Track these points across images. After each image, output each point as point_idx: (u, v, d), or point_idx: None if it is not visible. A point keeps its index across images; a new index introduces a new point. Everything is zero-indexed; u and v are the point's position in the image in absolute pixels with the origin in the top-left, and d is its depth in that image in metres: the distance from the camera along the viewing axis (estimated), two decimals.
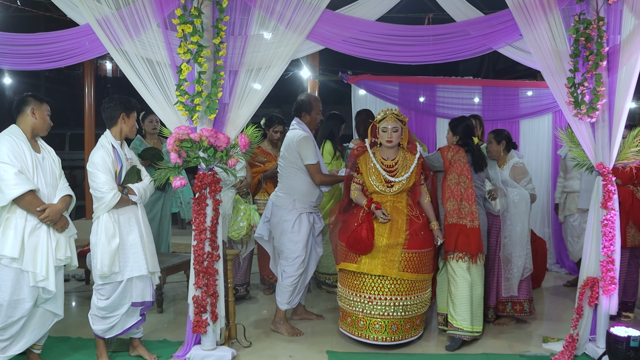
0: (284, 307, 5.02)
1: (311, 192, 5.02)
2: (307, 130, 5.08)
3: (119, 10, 4.25)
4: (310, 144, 4.96)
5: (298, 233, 4.92)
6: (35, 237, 3.98)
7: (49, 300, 4.09)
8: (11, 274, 3.91)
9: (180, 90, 4.09)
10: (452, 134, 5.06)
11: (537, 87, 7.76)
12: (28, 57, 4.58)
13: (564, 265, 7.45)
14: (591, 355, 4.47)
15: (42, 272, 3.94)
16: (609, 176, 4.31)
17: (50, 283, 3.98)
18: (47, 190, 4.08)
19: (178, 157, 4.15)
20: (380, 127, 4.71)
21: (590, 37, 4.14)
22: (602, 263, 4.32)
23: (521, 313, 5.26)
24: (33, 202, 3.94)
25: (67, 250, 4.15)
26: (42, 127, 4.17)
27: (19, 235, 3.92)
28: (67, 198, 4.16)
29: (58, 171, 4.22)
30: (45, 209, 3.97)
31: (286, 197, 4.99)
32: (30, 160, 4.01)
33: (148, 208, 5.46)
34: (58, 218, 4.06)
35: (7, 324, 3.95)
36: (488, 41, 4.44)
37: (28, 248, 3.94)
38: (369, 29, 4.43)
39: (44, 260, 3.97)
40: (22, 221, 3.94)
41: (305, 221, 4.95)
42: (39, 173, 4.06)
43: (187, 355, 4.35)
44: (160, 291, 5.60)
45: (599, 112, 4.25)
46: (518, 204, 5.11)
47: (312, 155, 4.92)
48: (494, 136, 5.37)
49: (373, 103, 7.90)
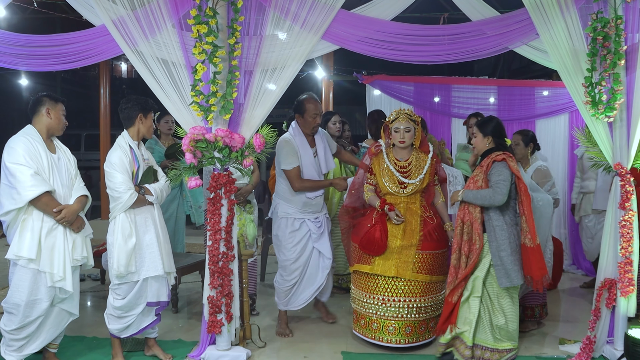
0: (281, 307, 5.08)
1: (294, 198, 4.95)
2: (297, 133, 4.98)
3: (135, 11, 4.27)
4: (287, 148, 4.88)
5: (280, 237, 4.98)
6: (52, 238, 3.99)
7: (65, 299, 4.11)
8: (29, 274, 3.93)
9: (196, 90, 4.10)
10: (483, 136, 4.47)
11: (553, 87, 7.71)
12: (44, 58, 4.61)
13: (580, 266, 7.38)
14: (609, 357, 4.41)
15: (60, 273, 3.96)
16: (627, 176, 4.26)
17: (67, 283, 4.00)
18: (63, 190, 4.09)
19: (193, 157, 4.16)
20: (392, 127, 4.67)
21: (608, 35, 4.10)
22: (619, 264, 4.28)
23: (531, 318, 5.15)
24: (49, 203, 3.95)
25: (84, 250, 4.16)
26: (57, 127, 4.17)
27: (36, 237, 3.93)
28: (82, 198, 4.16)
29: (74, 171, 4.23)
30: (62, 210, 3.98)
31: (274, 201, 5.10)
32: (46, 160, 4.02)
33: (164, 208, 5.46)
34: (74, 219, 4.06)
35: (25, 324, 3.98)
36: (504, 40, 4.41)
37: (45, 249, 3.94)
38: (384, 28, 4.42)
39: (61, 261, 3.98)
40: (38, 222, 3.95)
41: (287, 226, 4.95)
42: (54, 174, 4.07)
43: (201, 355, 4.35)
44: (175, 291, 5.62)
45: (617, 112, 4.21)
46: (542, 210, 4.92)
47: (287, 160, 4.86)
48: (521, 137, 5.21)
49: (388, 103, 7.89)
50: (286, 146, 4.90)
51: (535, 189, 4.99)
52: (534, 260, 4.22)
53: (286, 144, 4.91)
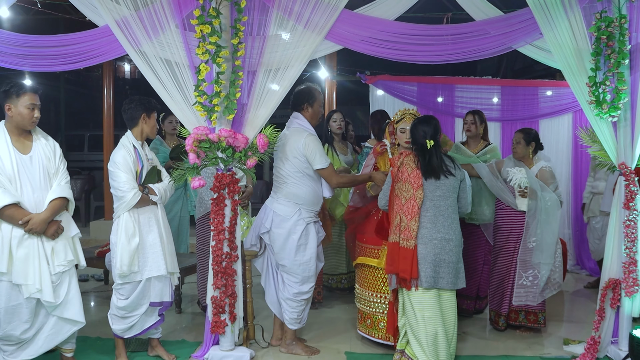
0: (295, 326, 4.57)
1: (318, 199, 4.56)
2: (309, 127, 4.55)
3: (138, 12, 4.27)
4: (319, 144, 4.49)
5: (306, 246, 4.45)
6: (25, 248, 3.78)
7: (58, 307, 3.92)
8: (4, 285, 3.78)
9: (199, 90, 4.10)
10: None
11: (557, 87, 7.69)
12: (48, 59, 4.60)
13: (584, 266, 7.37)
14: (613, 357, 4.40)
15: (36, 284, 3.77)
16: (631, 176, 4.25)
17: (45, 294, 3.80)
18: (35, 195, 3.85)
19: (197, 157, 4.16)
20: (398, 127, 4.67)
21: (612, 35, 4.09)
22: (624, 264, 4.26)
23: (535, 324, 5.09)
24: (14, 215, 3.73)
25: (68, 253, 3.95)
26: (23, 122, 3.86)
27: (6, 249, 3.74)
28: (57, 202, 3.90)
29: (54, 169, 3.97)
30: (28, 220, 3.76)
31: (291, 207, 4.45)
32: (10, 166, 3.78)
33: (168, 208, 5.45)
34: (44, 228, 3.82)
35: (8, 332, 3.82)
36: (508, 40, 4.41)
37: (18, 260, 3.75)
38: (387, 28, 4.42)
39: (36, 272, 3.78)
40: (7, 234, 3.75)
41: (313, 232, 4.50)
42: (23, 178, 3.83)
43: (205, 356, 4.35)
44: (178, 292, 5.62)
45: (621, 111, 4.20)
46: (549, 210, 4.88)
47: (323, 157, 4.44)
48: (523, 136, 5.13)
49: (391, 103, 7.88)
50: (318, 141, 4.48)
51: (543, 188, 4.95)
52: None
53: (317, 139, 4.48)
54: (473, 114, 5.58)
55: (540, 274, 4.88)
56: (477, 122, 5.54)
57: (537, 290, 4.90)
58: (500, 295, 5.15)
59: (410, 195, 4.16)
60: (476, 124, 5.54)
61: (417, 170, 4.18)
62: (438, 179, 4.15)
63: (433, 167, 4.16)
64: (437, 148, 4.21)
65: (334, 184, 4.52)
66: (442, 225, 4.11)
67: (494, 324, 5.23)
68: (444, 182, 4.16)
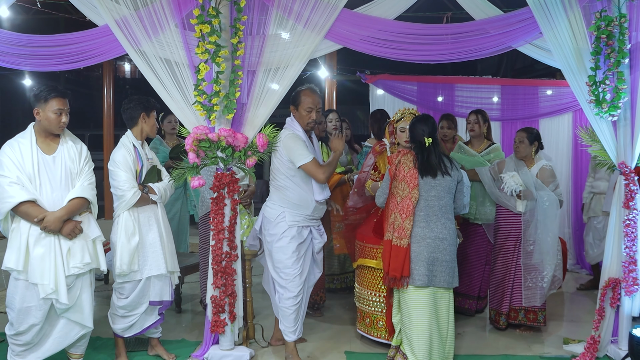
0: (291, 337, 4.39)
1: (305, 203, 4.34)
2: (296, 128, 4.37)
3: (138, 11, 4.27)
4: (298, 140, 4.28)
5: (285, 248, 4.29)
6: (41, 247, 3.75)
7: (69, 310, 3.87)
8: (20, 284, 3.77)
9: (198, 90, 4.10)
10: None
11: (557, 86, 7.70)
12: (48, 58, 4.60)
13: (584, 265, 7.35)
14: (613, 357, 4.41)
15: (51, 285, 3.72)
16: (631, 175, 4.25)
17: (60, 295, 3.75)
18: (54, 194, 3.83)
19: (196, 157, 4.16)
20: (398, 127, 4.66)
21: (611, 34, 4.08)
22: (623, 264, 4.27)
23: (534, 322, 5.08)
24: (29, 212, 3.71)
25: (85, 256, 3.88)
26: (49, 127, 3.89)
27: (23, 247, 3.72)
28: (75, 202, 3.86)
29: (77, 169, 3.95)
30: (43, 218, 3.73)
31: (276, 209, 4.36)
32: (31, 164, 3.78)
33: (168, 208, 5.44)
34: (59, 226, 3.76)
35: (20, 331, 3.81)
36: (508, 39, 4.40)
37: (34, 259, 3.73)
38: (387, 27, 4.42)
39: (52, 271, 3.74)
40: (25, 232, 3.74)
41: (295, 235, 4.30)
42: (43, 177, 3.82)
43: (205, 355, 4.35)
44: (178, 291, 5.62)
45: (621, 111, 4.20)
46: (548, 211, 4.87)
47: (303, 153, 4.23)
48: (526, 135, 5.12)
49: (391, 103, 7.89)
50: (296, 138, 4.30)
51: (540, 187, 4.96)
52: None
53: (295, 137, 4.31)
54: (476, 114, 5.59)
55: (545, 274, 4.91)
56: (480, 122, 5.54)
57: (542, 292, 4.95)
58: (500, 294, 5.15)
59: (406, 194, 4.17)
60: (479, 124, 5.54)
61: (414, 170, 4.19)
62: (435, 178, 4.16)
63: (431, 165, 4.17)
64: (435, 146, 4.22)
65: (321, 178, 4.25)
66: (435, 225, 4.12)
67: (494, 323, 5.23)
68: (440, 181, 4.16)
